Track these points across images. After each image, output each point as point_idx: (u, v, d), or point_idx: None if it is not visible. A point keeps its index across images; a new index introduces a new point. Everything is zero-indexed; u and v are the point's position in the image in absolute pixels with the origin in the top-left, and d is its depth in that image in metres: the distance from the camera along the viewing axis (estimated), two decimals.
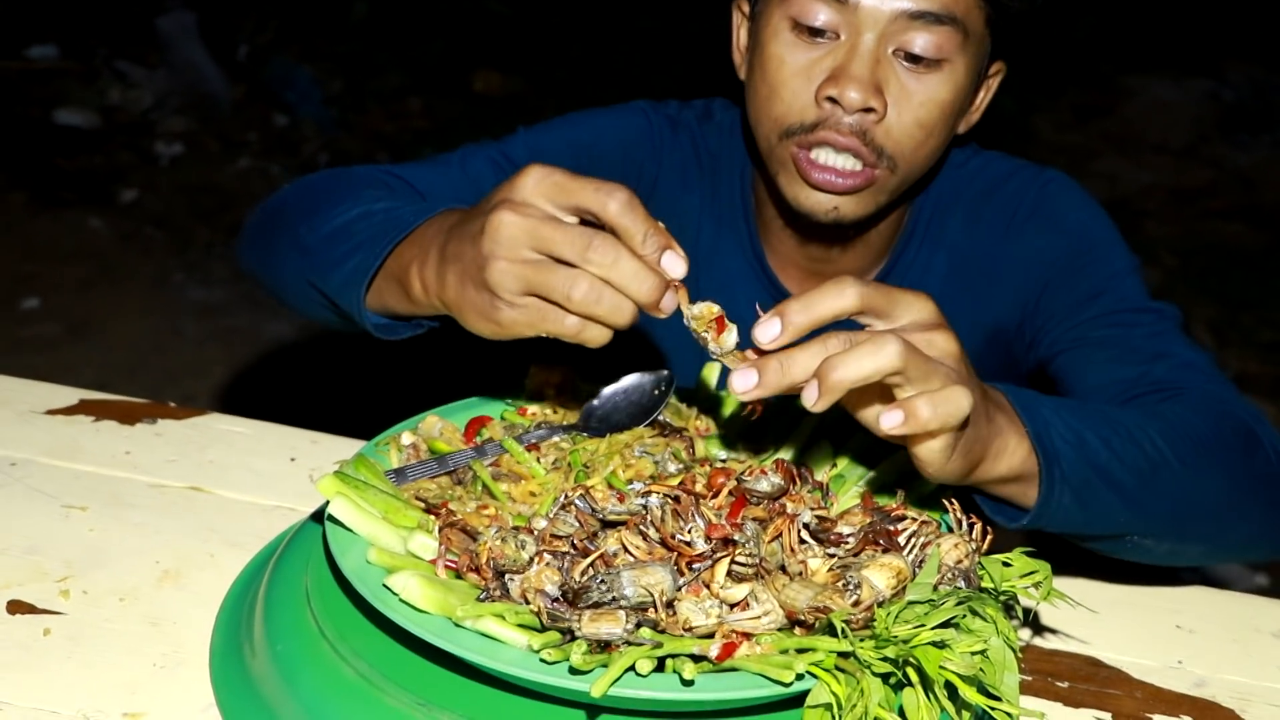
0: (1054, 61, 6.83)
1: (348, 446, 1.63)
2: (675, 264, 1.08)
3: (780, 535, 1.13)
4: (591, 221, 1.09)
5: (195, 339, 4.49)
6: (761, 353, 1.08)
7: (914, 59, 1.51)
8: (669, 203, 1.80)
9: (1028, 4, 1.56)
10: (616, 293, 1.06)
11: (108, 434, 1.65)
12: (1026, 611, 1.35)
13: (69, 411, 1.69)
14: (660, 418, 1.40)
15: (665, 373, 1.41)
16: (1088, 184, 1.79)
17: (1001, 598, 1.12)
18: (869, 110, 1.51)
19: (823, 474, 1.32)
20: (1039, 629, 1.36)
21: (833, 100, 1.51)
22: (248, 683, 1.19)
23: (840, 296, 1.06)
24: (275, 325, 4.49)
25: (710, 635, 1.06)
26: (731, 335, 1.11)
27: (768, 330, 1.06)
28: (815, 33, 1.52)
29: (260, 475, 1.58)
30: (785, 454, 1.37)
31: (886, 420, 1.04)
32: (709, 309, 1.12)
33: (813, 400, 1.04)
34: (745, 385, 1.06)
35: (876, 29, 1.49)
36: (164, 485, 1.55)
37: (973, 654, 1.04)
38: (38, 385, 1.75)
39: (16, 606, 1.31)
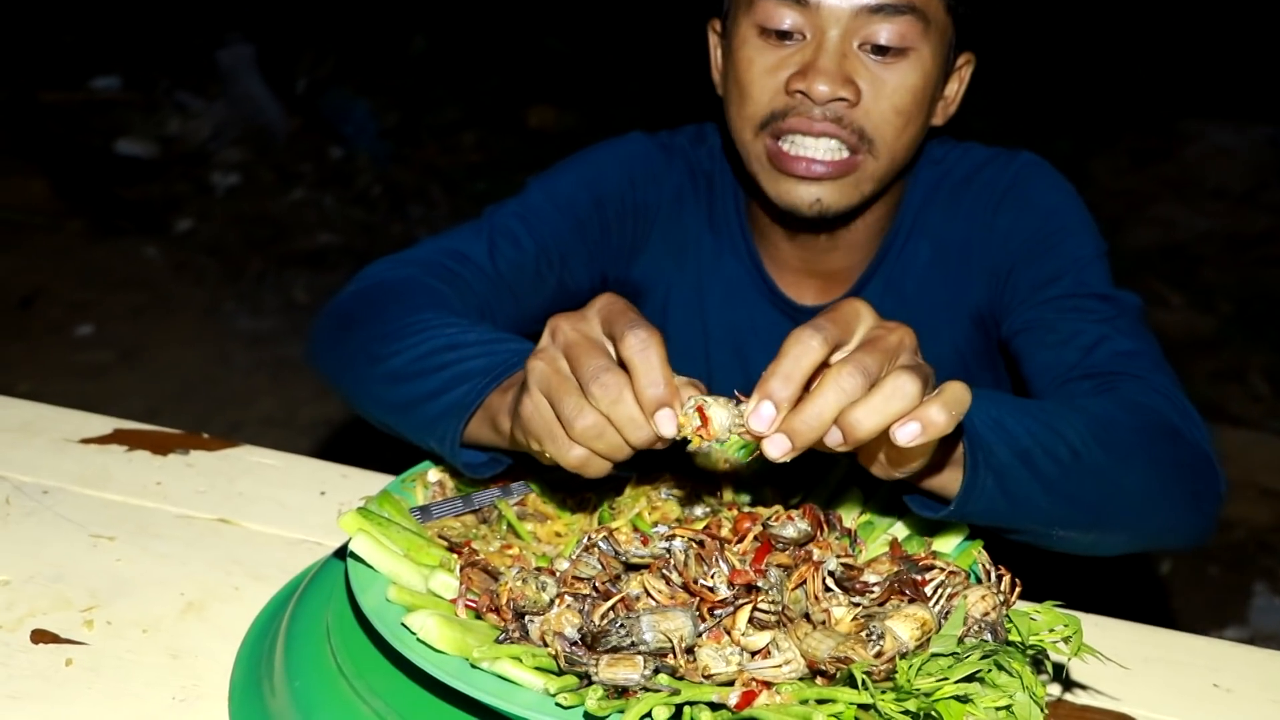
0: (1112, 105, 6.79)
1: (378, 481, 1.62)
2: (666, 424, 1.05)
3: (804, 582, 1.12)
4: None
5: (244, 368, 4.52)
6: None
7: (880, 50, 1.57)
8: (670, 222, 1.87)
9: None
10: (618, 433, 1.08)
11: (140, 464, 1.65)
12: (1057, 667, 1.32)
13: (102, 440, 1.70)
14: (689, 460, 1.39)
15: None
16: (1144, 229, 1.80)
17: (1029, 652, 1.10)
18: (841, 99, 1.56)
19: (851, 520, 1.30)
20: (1070, 685, 1.33)
21: (802, 94, 1.57)
22: (266, 718, 1.18)
23: (809, 350, 1.05)
24: None
25: (730, 683, 1.04)
26: (720, 414, 1.08)
27: (763, 417, 1.03)
28: (782, 36, 1.58)
29: (289, 509, 1.58)
30: (814, 499, 1.35)
31: (904, 434, 1.01)
32: (686, 419, 1.07)
33: (837, 443, 1.04)
34: (781, 449, 1.03)
35: (840, 25, 1.56)
36: (192, 516, 1.55)
37: (997, 709, 1.02)
38: (73, 414, 1.76)
39: (40, 636, 1.31)
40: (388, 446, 1.53)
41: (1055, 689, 1.32)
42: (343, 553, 1.25)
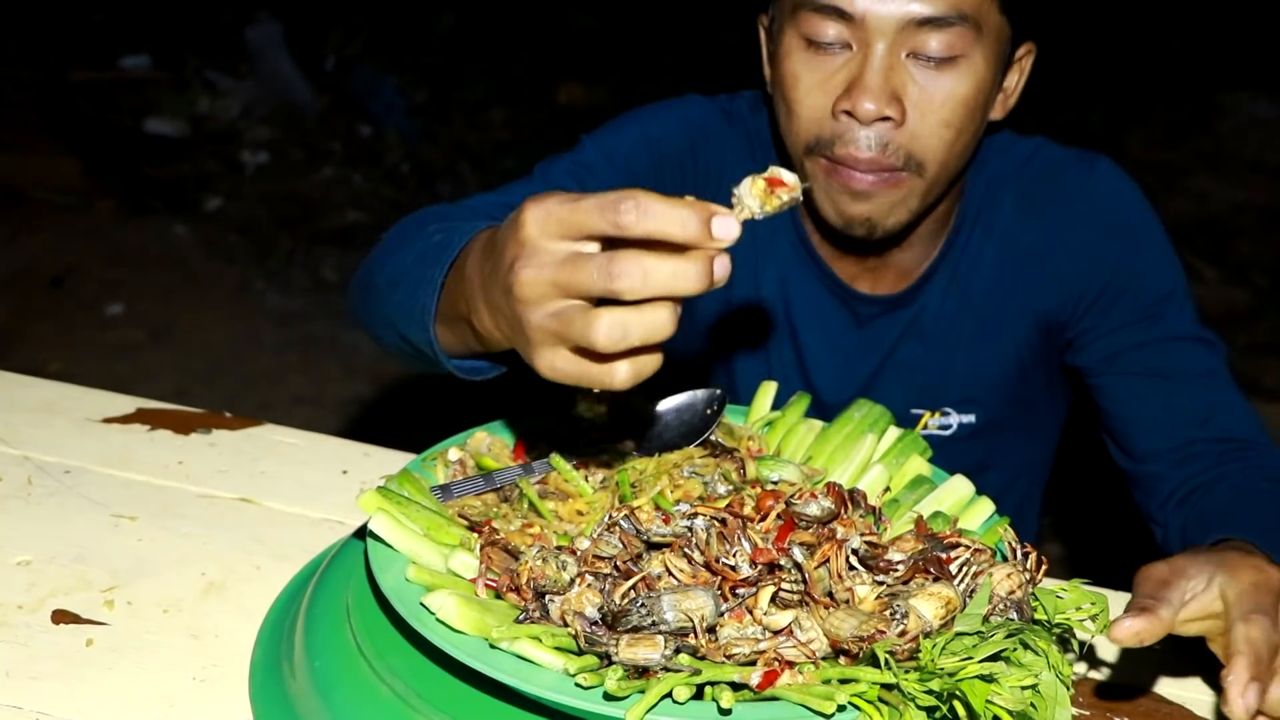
0: (1145, 78, 6.73)
1: (401, 460, 1.61)
2: (728, 226, 0.95)
3: (827, 561, 1.10)
4: None
5: (274, 346, 4.53)
6: None
7: (929, 57, 1.52)
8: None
9: None
10: (645, 313, 0.95)
11: (162, 443, 1.65)
12: (1083, 644, 1.30)
13: (125, 420, 1.70)
14: (712, 438, 1.37)
15: (718, 391, 1.39)
16: (1178, 202, 1.80)
17: (1055, 630, 1.08)
18: (887, 119, 1.52)
19: (876, 498, 1.29)
20: (1098, 663, 1.32)
21: (849, 113, 1.53)
22: (285, 699, 1.18)
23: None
24: (352, 334, 4.51)
25: (752, 662, 1.03)
26: (789, 175, 1.05)
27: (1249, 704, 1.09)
28: (828, 45, 1.53)
29: (310, 488, 1.57)
30: (839, 477, 1.34)
31: None
32: (757, 189, 1.05)
33: None
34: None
35: (886, 38, 1.50)
36: (214, 496, 1.55)
37: (1022, 688, 1.01)
38: (95, 393, 1.76)
39: (61, 616, 1.31)
40: (415, 424, 1.52)
41: (1081, 667, 1.31)
42: (363, 532, 1.24)
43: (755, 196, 1.04)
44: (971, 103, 1.55)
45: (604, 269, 0.93)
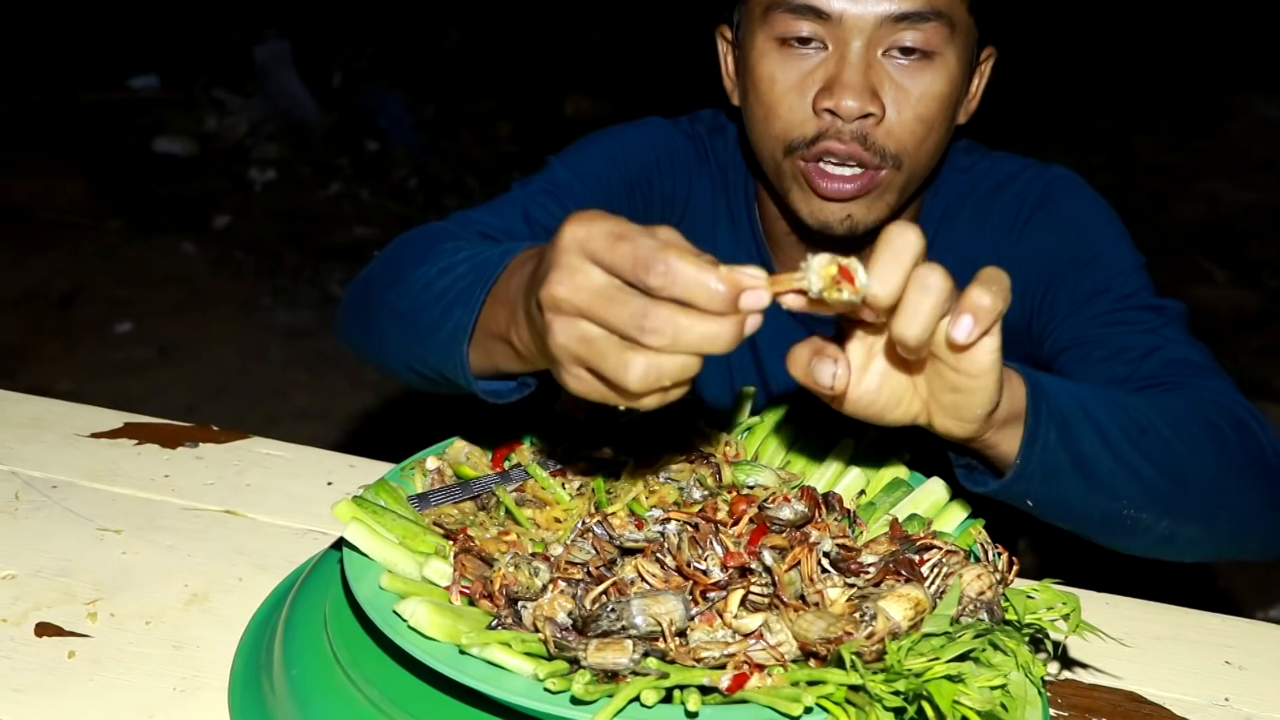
0: (1155, 81, 6.72)
1: (384, 471, 1.62)
2: (757, 299, 0.98)
3: (798, 564, 1.10)
4: None
5: (281, 362, 4.55)
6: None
7: (906, 51, 1.52)
8: (695, 215, 1.82)
9: None
10: (677, 357, 0.95)
11: (148, 457, 1.66)
12: (1057, 645, 1.30)
13: (112, 435, 1.71)
14: (689, 442, 1.37)
15: (695, 396, 1.39)
16: (1188, 204, 1.77)
17: (1026, 631, 1.08)
18: (867, 115, 1.51)
19: (851, 501, 1.29)
20: (1078, 663, 1.32)
21: (831, 111, 1.52)
22: (264, 708, 1.18)
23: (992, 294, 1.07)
24: None
25: (722, 666, 1.03)
26: (862, 276, 1.04)
27: (964, 328, 1.06)
28: (802, 42, 1.53)
29: (295, 499, 1.58)
30: (814, 480, 1.34)
31: (960, 330, 1.04)
32: (826, 271, 1.03)
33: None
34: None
35: (863, 36, 1.50)
36: (199, 509, 1.55)
37: (991, 689, 1.01)
38: (83, 408, 1.77)
39: (44, 629, 1.31)
40: (420, 437, 1.53)
41: (1053, 667, 1.31)
42: (342, 542, 1.24)
43: (821, 278, 1.03)
44: (945, 99, 1.55)
45: (637, 322, 0.93)
